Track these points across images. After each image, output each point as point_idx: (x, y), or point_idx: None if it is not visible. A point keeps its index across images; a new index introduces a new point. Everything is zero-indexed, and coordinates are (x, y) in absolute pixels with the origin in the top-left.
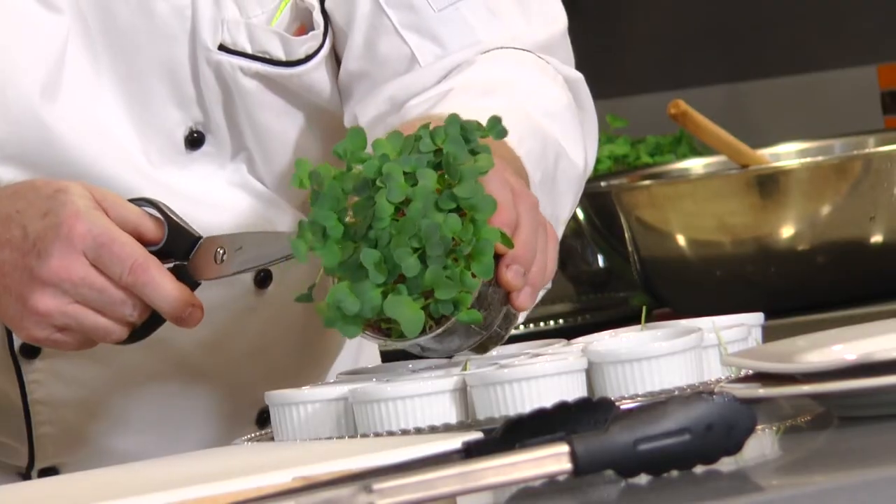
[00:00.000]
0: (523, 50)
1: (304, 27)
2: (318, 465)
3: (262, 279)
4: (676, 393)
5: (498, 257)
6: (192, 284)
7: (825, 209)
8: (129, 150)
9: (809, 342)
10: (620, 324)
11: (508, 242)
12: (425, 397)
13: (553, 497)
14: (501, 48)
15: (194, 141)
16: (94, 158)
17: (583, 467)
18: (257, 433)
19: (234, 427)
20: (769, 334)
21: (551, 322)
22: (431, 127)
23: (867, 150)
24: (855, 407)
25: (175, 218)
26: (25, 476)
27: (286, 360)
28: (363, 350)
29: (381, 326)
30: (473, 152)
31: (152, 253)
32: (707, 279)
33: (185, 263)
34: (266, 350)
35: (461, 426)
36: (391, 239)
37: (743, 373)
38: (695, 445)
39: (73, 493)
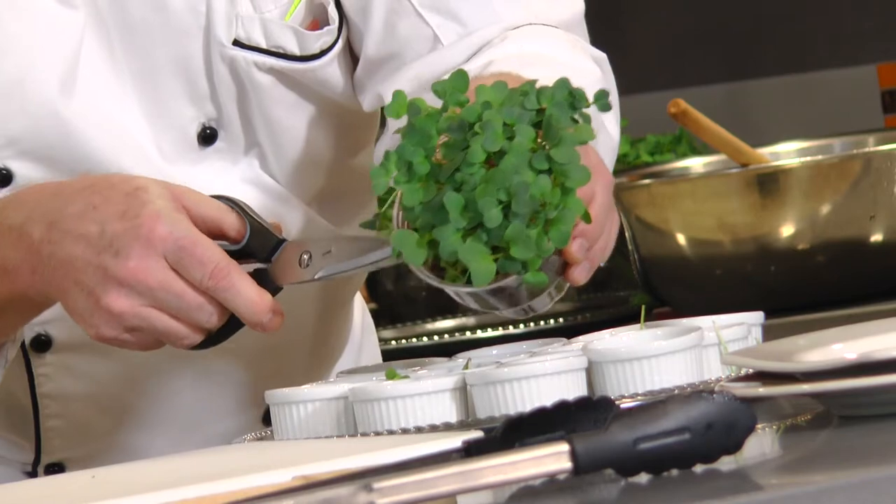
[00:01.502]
0: (549, 26)
1: (318, 22)
2: (318, 464)
3: None
4: (676, 392)
5: None
6: (274, 289)
7: (825, 208)
8: (143, 146)
9: (809, 341)
10: (620, 323)
11: (587, 218)
12: (425, 396)
13: (553, 496)
14: (529, 24)
15: (207, 137)
16: (110, 154)
17: (583, 466)
18: (257, 432)
19: (241, 425)
20: (769, 333)
21: (551, 321)
22: (537, 86)
23: (867, 150)
24: (855, 406)
25: (257, 218)
26: (32, 472)
27: (294, 359)
28: (364, 350)
29: (439, 265)
30: (574, 120)
31: (232, 252)
32: (707, 278)
33: (266, 267)
34: (276, 349)
35: (461, 425)
36: (476, 187)
37: (743, 372)
38: (695, 444)
39: (73, 491)
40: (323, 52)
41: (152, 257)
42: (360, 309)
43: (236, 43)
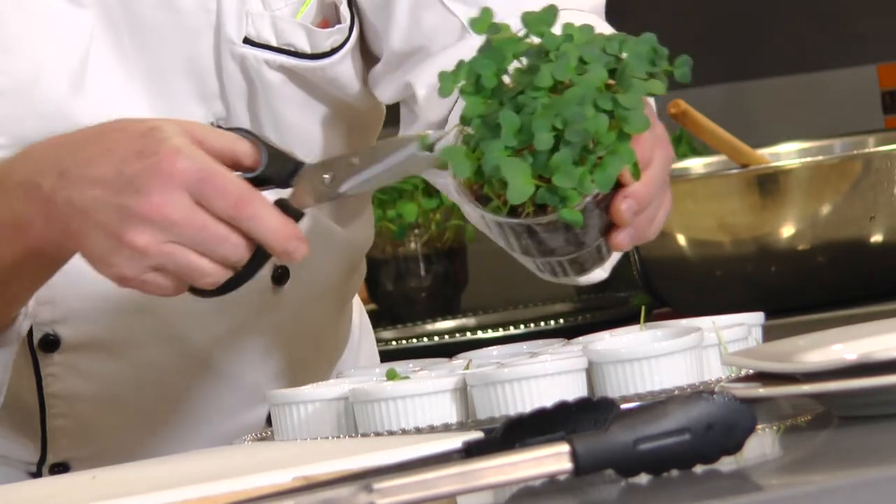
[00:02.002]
0: (581, 11)
1: (328, 21)
2: (319, 465)
3: (280, 276)
4: (676, 392)
5: (618, 189)
6: (297, 215)
7: (825, 209)
8: None
9: (809, 342)
10: (621, 323)
11: (637, 174)
12: (425, 397)
13: (553, 497)
14: (564, 9)
15: None
16: None
17: (583, 467)
18: (258, 433)
19: (247, 425)
20: (769, 334)
21: (551, 322)
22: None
23: (867, 150)
24: (855, 406)
25: (273, 145)
26: (36, 472)
27: (297, 359)
28: (361, 351)
29: (483, 194)
30: (650, 75)
31: (250, 180)
32: (707, 279)
33: (286, 200)
34: (280, 349)
35: (461, 426)
36: (535, 111)
37: (743, 372)
38: (695, 445)
39: (74, 492)
40: (334, 51)
41: (174, 192)
42: (357, 310)
43: (247, 41)
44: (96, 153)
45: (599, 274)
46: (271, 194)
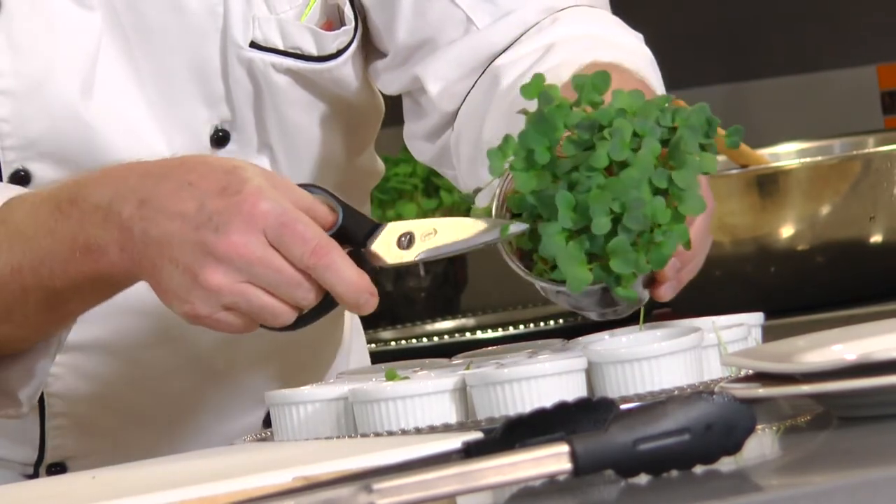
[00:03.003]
0: (591, 7)
1: (331, 23)
2: (318, 465)
3: None
4: (676, 393)
5: None
6: (370, 270)
7: (825, 209)
8: (156, 149)
9: (809, 342)
10: (620, 324)
11: (688, 246)
12: (425, 397)
13: (553, 497)
14: (574, 6)
15: (220, 139)
16: (128, 155)
17: (583, 467)
18: (257, 433)
19: (246, 426)
20: (769, 334)
21: (551, 322)
22: (671, 104)
23: (867, 150)
24: (854, 407)
25: (350, 206)
26: (34, 472)
27: (295, 361)
28: (353, 352)
29: (530, 257)
30: (702, 147)
31: None
32: (707, 279)
33: (363, 250)
34: (279, 351)
35: (461, 426)
36: (590, 190)
37: (743, 373)
38: (694, 445)
39: (73, 492)
40: (339, 52)
41: (253, 233)
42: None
43: (253, 45)
44: (179, 185)
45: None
46: None
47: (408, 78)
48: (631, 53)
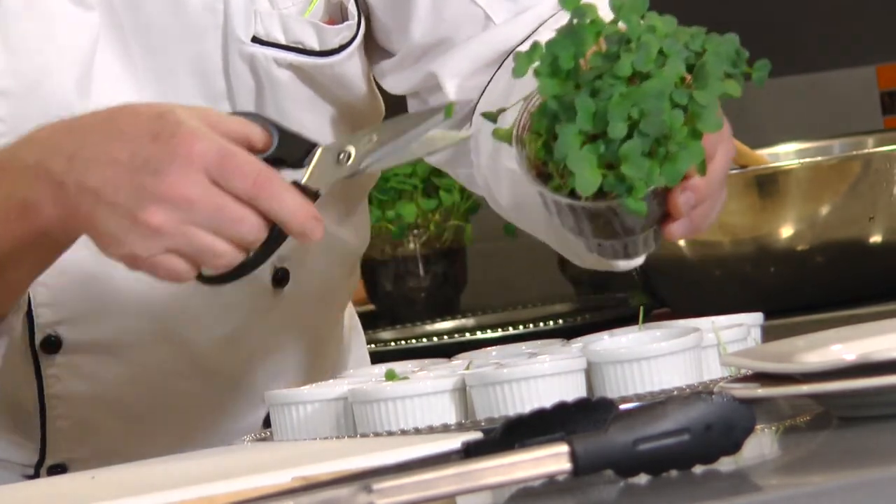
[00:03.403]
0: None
1: (333, 20)
2: (318, 465)
3: (280, 279)
4: (676, 393)
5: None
6: (313, 195)
7: (824, 209)
8: None
9: (808, 342)
10: (619, 324)
11: (703, 171)
12: (425, 397)
13: (552, 497)
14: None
15: None
16: None
17: (582, 467)
18: (257, 433)
19: (246, 427)
20: (768, 334)
21: (550, 322)
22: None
23: (866, 151)
24: (854, 407)
25: (284, 127)
26: (34, 473)
27: (295, 360)
28: (352, 350)
29: (546, 172)
30: (728, 76)
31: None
32: (706, 279)
33: (302, 182)
34: (278, 350)
35: (460, 426)
36: (612, 97)
37: (742, 373)
38: (694, 445)
39: (72, 493)
40: (342, 48)
41: (192, 172)
42: (348, 311)
43: (255, 40)
44: (108, 136)
45: (637, 260)
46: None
47: (420, 76)
48: None
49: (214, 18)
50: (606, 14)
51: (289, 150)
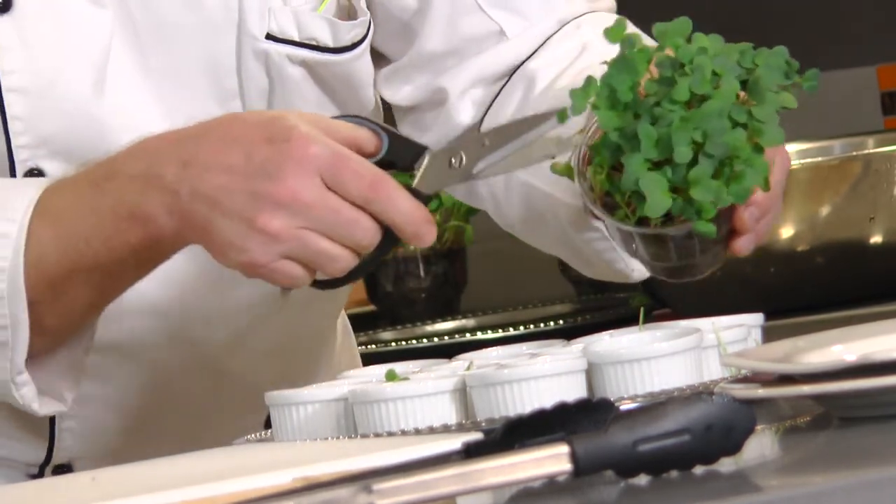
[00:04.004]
0: (608, 11)
1: (343, 20)
2: (318, 466)
3: None
4: (676, 393)
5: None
6: (425, 199)
7: (825, 210)
8: None
9: (809, 343)
10: (620, 324)
11: (767, 186)
12: (425, 398)
13: (553, 497)
14: (590, 12)
15: None
16: None
17: (582, 468)
18: (258, 434)
19: (250, 427)
20: (769, 335)
21: (551, 323)
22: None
23: (867, 151)
24: (854, 407)
25: (393, 130)
26: (39, 473)
27: (299, 361)
28: (343, 352)
29: (612, 204)
30: (782, 88)
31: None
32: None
33: (414, 178)
34: (284, 351)
35: (461, 427)
36: (672, 123)
37: (742, 373)
38: (694, 446)
39: (73, 493)
40: (355, 45)
41: (308, 176)
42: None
43: (269, 37)
44: (222, 142)
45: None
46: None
47: (422, 87)
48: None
49: (228, 16)
50: (648, 41)
51: (398, 154)
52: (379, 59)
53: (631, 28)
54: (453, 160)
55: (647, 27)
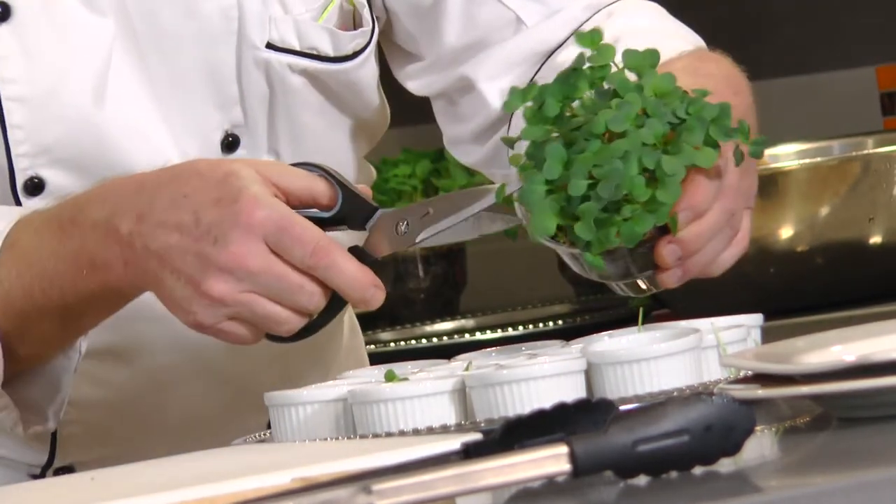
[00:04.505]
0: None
1: (346, 27)
2: (317, 466)
3: None
4: (675, 394)
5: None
6: (371, 262)
7: (824, 210)
8: (168, 154)
9: (808, 343)
10: (619, 325)
11: (674, 229)
12: (424, 398)
13: (552, 498)
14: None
15: (230, 144)
16: (141, 162)
17: (582, 468)
18: (257, 434)
19: (251, 431)
20: (768, 335)
21: (550, 323)
22: (696, 92)
23: (866, 151)
24: (854, 408)
25: (346, 183)
26: (40, 474)
27: (299, 364)
28: (351, 352)
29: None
30: (709, 141)
31: (325, 220)
32: (705, 280)
33: (362, 247)
34: (284, 355)
35: (460, 427)
36: (582, 152)
37: (742, 374)
38: (694, 446)
39: (72, 493)
40: (356, 54)
41: (253, 242)
42: (347, 313)
43: (270, 46)
44: (174, 199)
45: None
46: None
47: (451, 79)
48: (693, 45)
49: (229, 25)
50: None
51: (352, 210)
52: (403, 55)
53: (611, 38)
54: (400, 225)
55: None
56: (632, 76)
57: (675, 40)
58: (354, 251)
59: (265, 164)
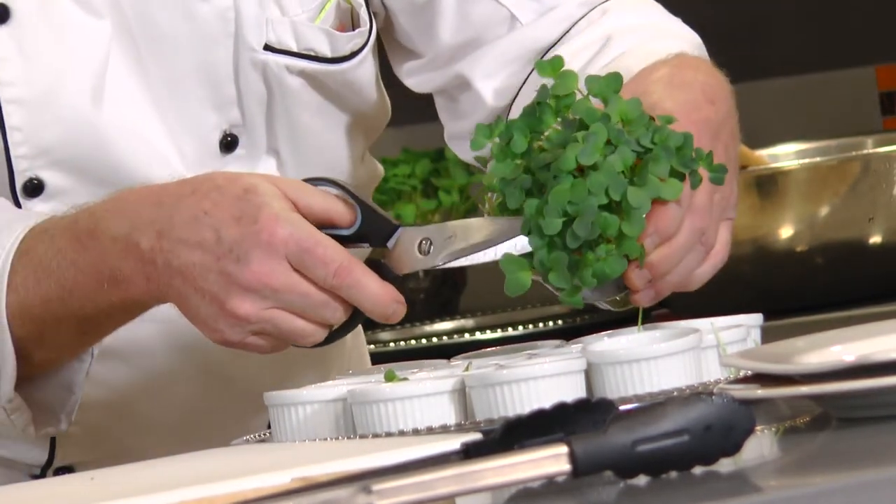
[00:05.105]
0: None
1: (343, 26)
2: (317, 466)
3: None
4: (675, 394)
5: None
6: (393, 279)
7: (824, 210)
8: (166, 155)
9: (808, 343)
10: (619, 325)
11: (642, 261)
12: (424, 398)
13: (552, 498)
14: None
15: (228, 144)
16: (139, 163)
17: (582, 468)
18: (257, 434)
19: (251, 431)
20: (768, 335)
21: (550, 323)
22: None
23: (866, 151)
24: (853, 408)
25: (368, 202)
26: (40, 474)
27: (300, 364)
28: (353, 351)
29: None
30: (674, 172)
31: (346, 237)
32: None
33: (383, 261)
34: (284, 355)
35: (460, 427)
36: (554, 189)
37: (742, 374)
38: (693, 446)
39: (72, 493)
40: (353, 54)
41: (275, 260)
42: None
43: (267, 47)
44: (194, 215)
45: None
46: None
47: (449, 76)
48: (689, 42)
49: (226, 27)
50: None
51: (371, 229)
52: (403, 52)
53: (572, 65)
54: (423, 243)
55: None
56: (597, 102)
57: (667, 39)
58: (376, 266)
59: (285, 181)
